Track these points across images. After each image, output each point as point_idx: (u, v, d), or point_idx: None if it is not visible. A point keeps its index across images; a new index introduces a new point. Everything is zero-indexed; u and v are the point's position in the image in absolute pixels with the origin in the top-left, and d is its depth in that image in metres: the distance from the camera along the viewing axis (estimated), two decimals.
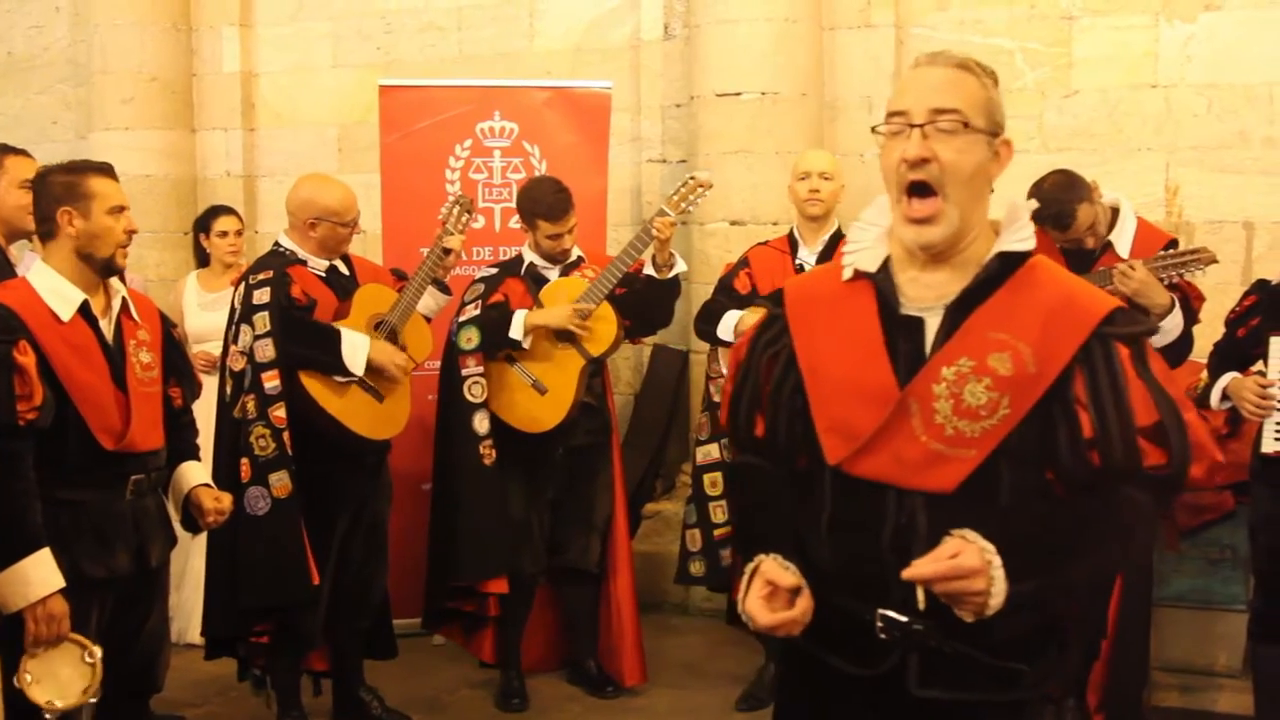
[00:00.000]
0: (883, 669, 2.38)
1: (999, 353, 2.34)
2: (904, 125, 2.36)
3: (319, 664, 5.39)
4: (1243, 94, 6.46)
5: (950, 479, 2.33)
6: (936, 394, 2.35)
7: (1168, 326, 4.78)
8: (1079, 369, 2.33)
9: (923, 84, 2.39)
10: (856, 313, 2.47)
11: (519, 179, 6.50)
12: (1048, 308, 2.37)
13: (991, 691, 2.37)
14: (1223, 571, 5.63)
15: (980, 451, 2.32)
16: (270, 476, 4.81)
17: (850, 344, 2.45)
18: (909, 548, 2.31)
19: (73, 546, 3.76)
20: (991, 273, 2.40)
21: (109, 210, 3.88)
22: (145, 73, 8.15)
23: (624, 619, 5.79)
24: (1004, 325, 2.36)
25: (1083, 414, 2.32)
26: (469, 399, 5.45)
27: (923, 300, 2.42)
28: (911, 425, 2.36)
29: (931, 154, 2.33)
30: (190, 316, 6.48)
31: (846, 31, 7.07)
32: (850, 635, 2.40)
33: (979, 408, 2.33)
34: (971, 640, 2.28)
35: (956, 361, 2.35)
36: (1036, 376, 2.32)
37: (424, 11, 7.96)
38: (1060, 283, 2.45)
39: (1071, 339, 2.34)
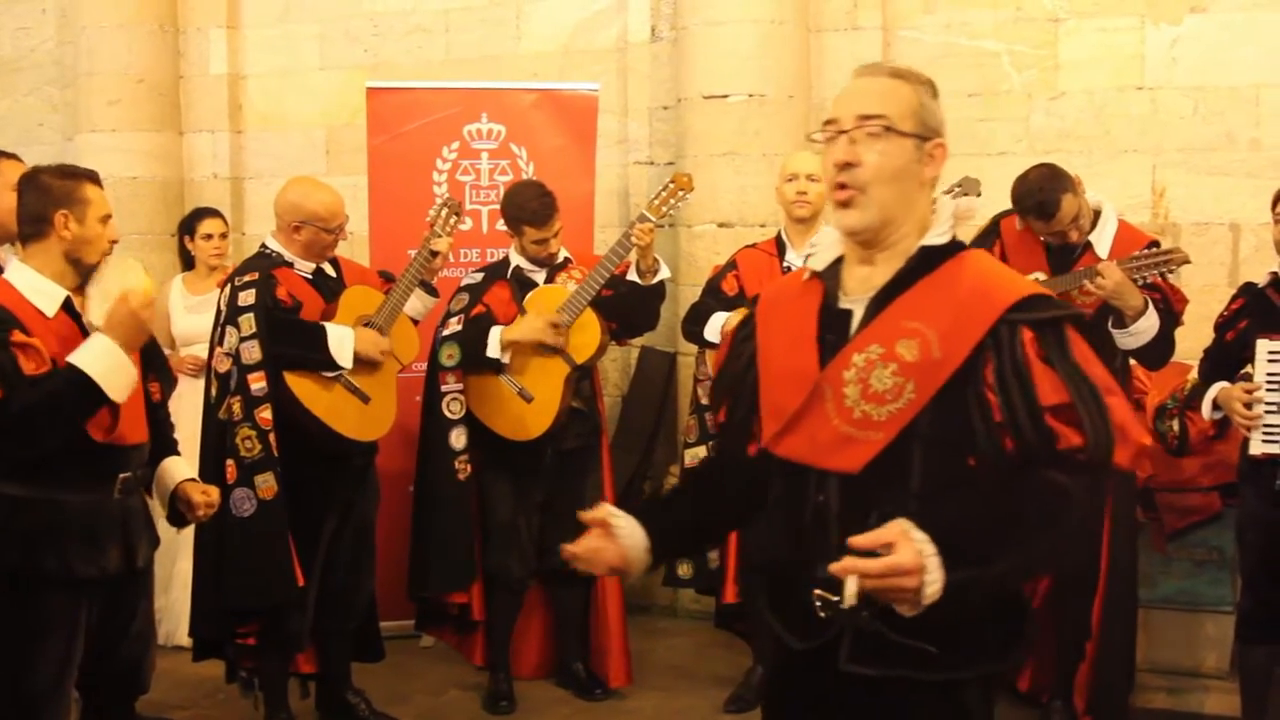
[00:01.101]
0: (819, 644, 2.52)
1: (907, 340, 2.46)
2: (835, 132, 2.53)
3: (306, 666, 5.39)
4: (1229, 96, 6.48)
5: (857, 460, 2.46)
6: (846, 379, 2.49)
7: (1141, 328, 4.80)
8: (989, 354, 2.42)
9: (853, 93, 2.57)
10: (803, 308, 2.65)
11: (506, 181, 6.50)
12: (962, 297, 2.48)
13: (917, 669, 2.45)
14: (1210, 573, 5.65)
15: (886, 434, 2.44)
16: (256, 478, 4.81)
17: (791, 336, 2.63)
18: (825, 527, 2.49)
19: (63, 546, 3.78)
20: (913, 265, 2.54)
21: (100, 218, 3.94)
22: (132, 75, 8.12)
23: (611, 621, 5.80)
24: (918, 314, 2.48)
25: (992, 397, 2.41)
26: (447, 415, 5.53)
27: (857, 293, 2.58)
28: (825, 409, 2.51)
29: (856, 158, 2.49)
30: (176, 319, 6.47)
31: (833, 34, 7.07)
32: (796, 610, 2.55)
33: (884, 392, 2.45)
34: (901, 620, 2.32)
35: (867, 349, 2.49)
36: (941, 362, 2.43)
37: (411, 14, 7.95)
38: (982, 273, 2.55)
39: (978, 326, 2.43)
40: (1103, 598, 5.09)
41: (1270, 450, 4.66)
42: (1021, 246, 5.11)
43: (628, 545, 2.67)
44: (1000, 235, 5.19)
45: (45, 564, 3.77)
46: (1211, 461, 5.57)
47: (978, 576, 2.29)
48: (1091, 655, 5.14)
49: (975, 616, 2.44)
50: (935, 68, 6.80)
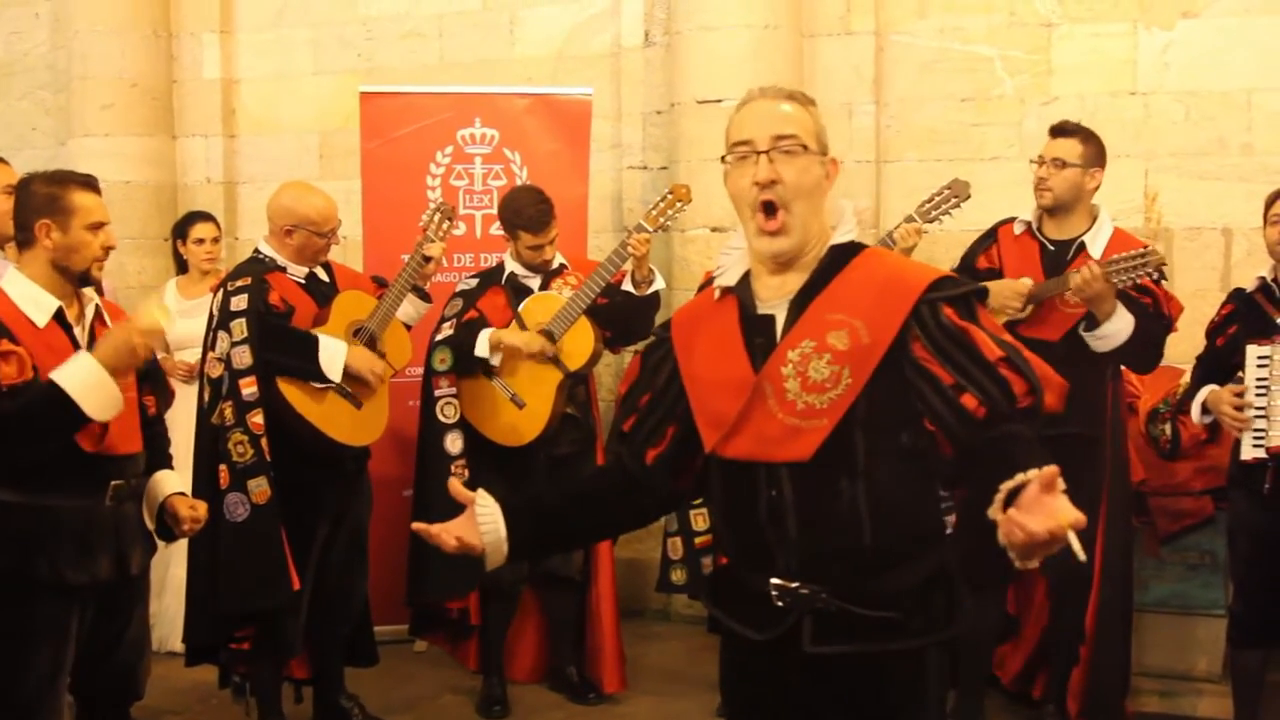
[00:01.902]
0: (778, 632, 2.65)
1: (836, 330, 2.60)
2: (750, 152, 2.64)
3: (300, 671, 5.39)
4: (1221, 101, 6.49)
5: (806, 448, 2.58)
6: (785, 375, 2.61)
7: (1108, 331, 4.79)
8: (914, 333, 2.58)
9: (762, 115, 2.68)
10: (722, 321, 2.77)
11: (500, 186, 6.51)
12: (877, 286, 2.64)
13: (879, 641, 2.61)
14: (1202, 577, 5.65)
15: (830, 420, 2.57)
16: (249, 483, 4.81)
17: (716, 347, 2.75)
18: (782, 518, 2.61)
19: (54, 553, 3.78)
20: (825, 265, 2.69)
21: (87, 226, 3.89)
22: (125, 79, 8.11)
23: (604, 626, 5.80)
24: (839, 307, 2.62)
25: (936, 369, 2.56)
26: (441, 420, 5.57)
27: (773, 299, 2.71)
28: (768, 405, 2.62)
29: (778, 176, 2.62)
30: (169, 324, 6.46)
31: (826, 39, 7.08)
32: (752, 605, 2.69)
33: (823, 381, 2.58)
34: (856, 597, 2.58)
35: (800, 344, 2.62)
36: (871, 346, 2.58)
37: (405, 18, 7.95)
38: (889, 265, 2.75)
39: (899, 308, 2.59)
40: (1097, 601, 5.09)
41: (1259, 455, 4.67)
42: (1017, 251, 5.12)
43: (486, 534, 2.86)
44: (997, 241, 5.20)
45: (36, 570, 3.76)
46: (1204, 465, 5.58)
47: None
48: (1086, 659, 5.15)
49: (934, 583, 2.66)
50: (928, 73, 6.87)
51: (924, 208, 5.28)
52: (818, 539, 2.59)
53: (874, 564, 2.59)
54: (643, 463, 2.87)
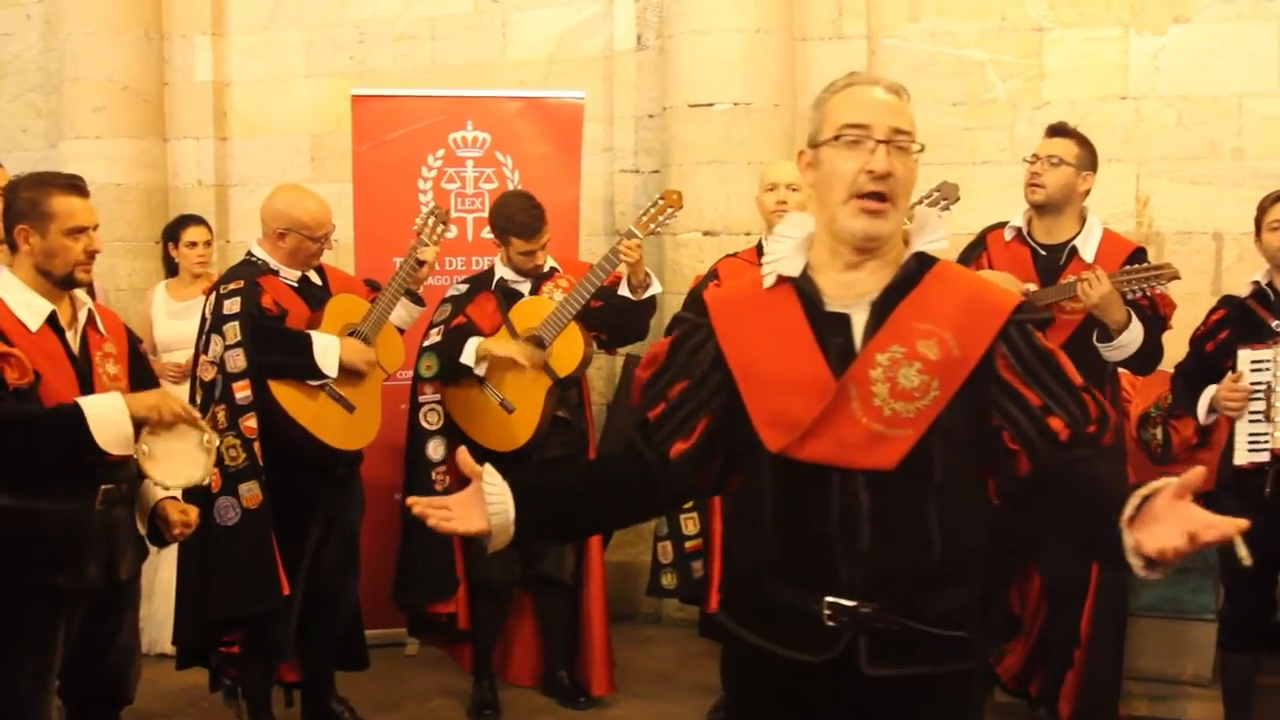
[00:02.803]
0: (833, 654, 2.53)
1: (926, 339, 2.54)
2: (865, 137, 2.55)
3: (290, 675, 5.38)
4: (1212, 105, 6.51)
5: (891, 457, 2.50)
6: (873, 379, 2.53)
7: (1124, 342, 4.81)
8: (1001, 353, 2.55)
9: (882, 104, 2.59)
10: (783, 314, 2.65)
11: (492, 189, 6.51)
12: (963, 300, 2.59)
13: (940, 662, 2.56)
14: (1193, 581, 5.65)
15: (916, 430, 2.51)
16: (240, 486, 4.80)
17: (780, 342, 2.63)
18: (855, 528, 2.51)
19: (44, 557, 3.77)
20: (910, 270, 2.62)
21: (67, 231, 3.86)
22: (116, 81, 8.10)
23: (594, 628, 5.79)
24: (926, 316, 2.56)
25: (1024, 389, 2.54)
26: (424, 426, 5.59)
27: (845, 298, 2.61)
28: (852, 409, 2.53)
29: (892, 169, 2.54)
30: (159, 325, 6.46)
31: (818, 42, 7.09)
32: (797, 625, 2.56)
33: (913, 389, 2.51)
34: (914, 616, 2.51)
35: (889, 348, 2.54)
36: (961, 360, 2.53)
37: (397, 21, 7.95)
38: (969, 280, 2.71)
39: (989, 326, 2.56)
40: (1092, 606, 5.10)
41: (1256, 459, 4.67)
42: (1008, 257, 5.12)
43: (495, 514, 2.62)
44: (987, 248, 5.20)
45: (25, 574, 3.76)
46: None
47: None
48: (1080, 662, 5.15)
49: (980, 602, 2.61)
50: (920, 77, 6.87)
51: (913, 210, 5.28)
52: (890, 552, 2.51)
53: (938, 580, 2.54)
54: (665, 456, 2.73)
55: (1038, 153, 5.03)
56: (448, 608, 5.66)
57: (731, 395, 2.65)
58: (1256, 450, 4.68)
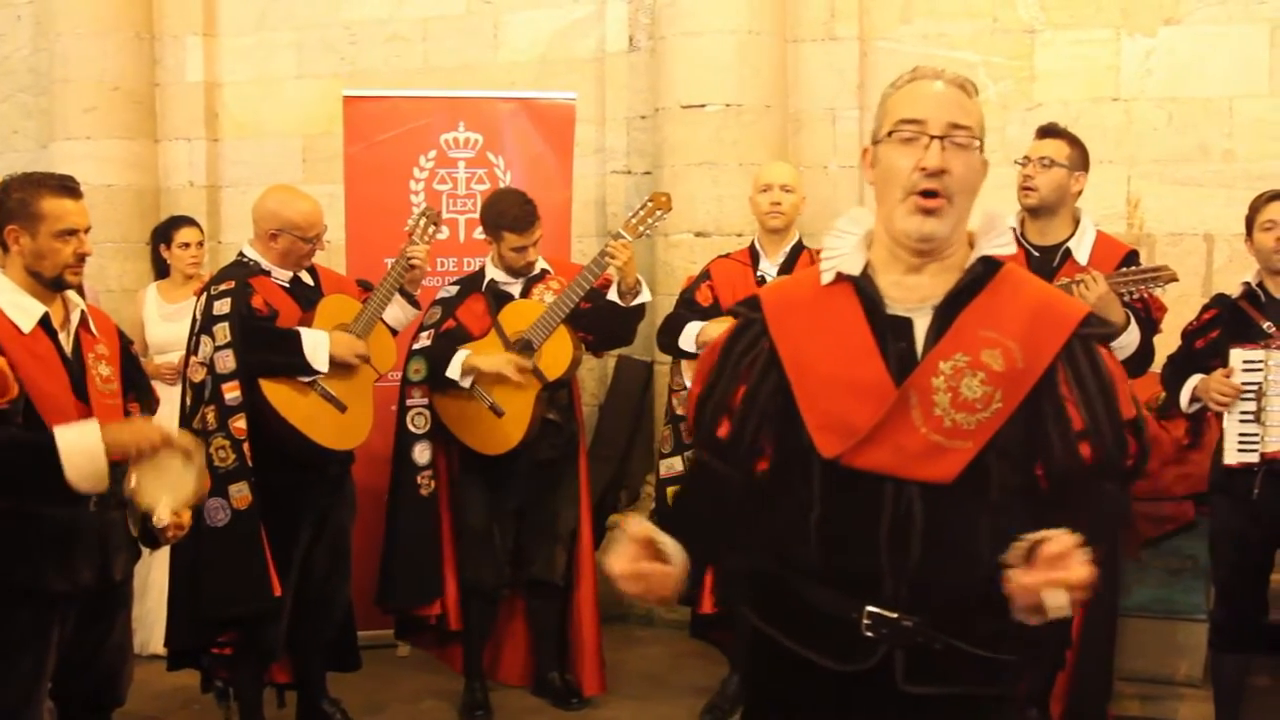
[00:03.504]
0: (868, 665, 2.44)
1: (990, 349, 2.44)
2: (920, 133, 2.45)
3: (282, 676, 5.37)
4: (1202, 107, 6.52)
5: (950, 469, 2.41)
6: (935, 387, 2.43)
7: (1122, 343, 4.80)
8: (1062, 367, 2.45)
9: (937, 98, 2.49)
10: (841, 314, 2.54)
11: (484, 190, 6.51)
12: (1030, 308, 2.49)
13: (979, 684, 2.47)
14: (1184, 581, 5.66)
15: (976, 443, 2.42)
16: (230, 488, 4.79)
17: (838, 343, 2.53)
18: (906, 540, 2.40)
19: (36, 559, 3.75)
20: (975, 275, 2.50)
21: (56, 233, 3.85)
22: (107, 82, 8.09)
23: (585, 629, 5.78)
24: (991, 324, 2.46)
25: (1071, 409, 2.44)
26: (411, 430, 5.59)
27: (907, 301, 2.51)
28: (911, 418, 2.43)
29: (948, 165, 2.43)
30: (151, 327, 6.45)
31: (810, 44, 7.09)
32: (833, 632, 2.46)
33: (975, 401, 2.42)
34: (958, 635, 2.41)
35: (953, 357, 2.44)
36: (1025, 372, 2.43)
37: (389, 22, 7.95)
38: (1036, 287, 2.59)
39: (1055, 337, 2.46)
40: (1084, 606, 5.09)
41: (1245, 459, 4.69)
42: None
43: (680, 571, 2.49)
44: None
45: (17, 577, 3.75)
46: (1185, 470, 5.60)
47: None
48: (1071, 663, 5.15)
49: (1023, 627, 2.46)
50: None
51: None
52: (938, 567, 2.40)
53: (985, 600, 2.37)
54: (753, 474, 2.63)
55: (1029, 155, 5.01)
56: (433, 610, 5.66)
57: (787, 395, 2.55)
58: (1246, 451, 4.69)
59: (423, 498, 5.55)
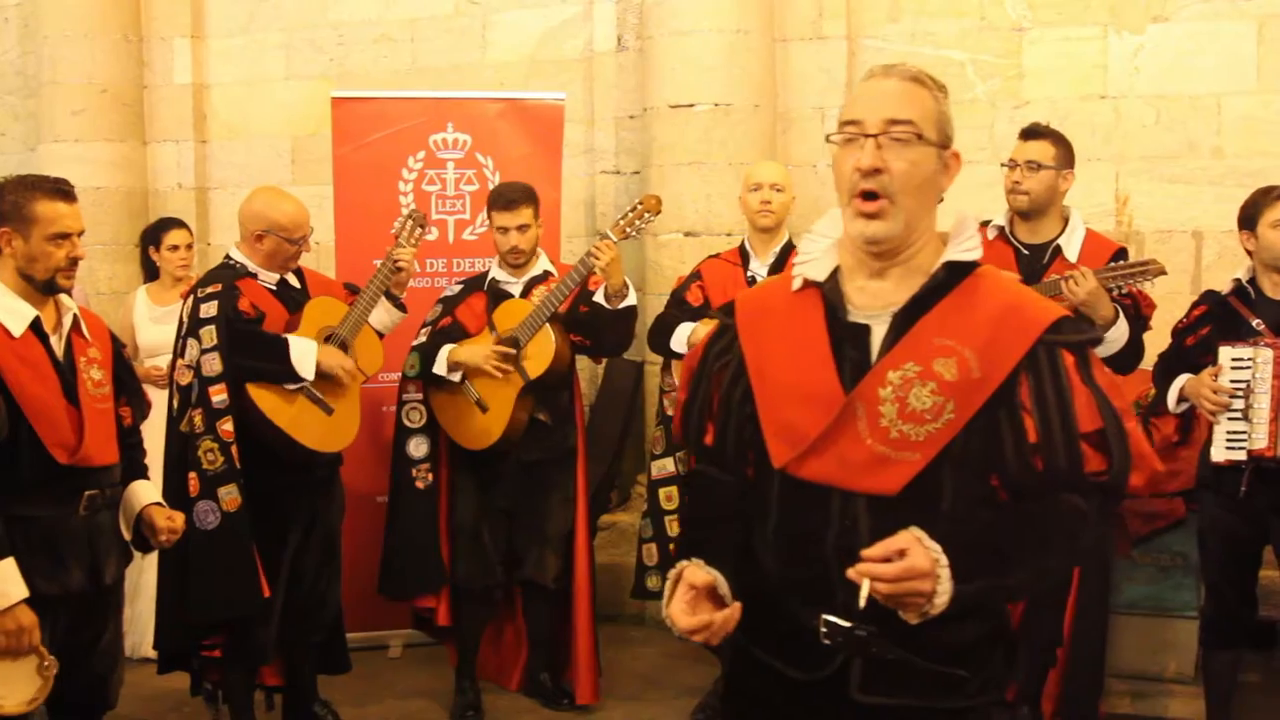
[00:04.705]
0: (825, 674, 2.41)
1: (944, 358, 2.37)
2: (858, 134, 2.40)
3: (272, 679, 5.36)
4: (1190, 105, 6.53)
5: (895, 481, 2.36)
6: (882, 397, 2.38)
7: (1112, 338, 4.81)
8: (1024, 375, 2.37)
9: (877, 95, 2.43)
10: (804, 320, 2.51)
11: (473, 191, 6.51)
12: (994, 315, 2.41)
13: (934, 697, 2.40)
14: (1174, 578, 5.66)
15: (924, 455, 2.35)
16: (219, 490, 4.77)
17: (797, 350, 2.49)
18: (853, 550, 2.31)
19: (26, 562, 3.73)
20: (938, 281, 2.44)
21: (49, 236, 3.85)
22: (95, 84, 8.09)
23: (580, 636, 5.76)
24: (950, 332, 2.39)
25: (1028, 419, 2.36)
26: (406, 424, 5.62)
27: (869, 308, 2.46)
28: (857, 428, 2.39)
29: (884, 164, 2.37)
30: (142, 330, 6.44)
31: (799, 43, 7.10)
32: (794, 640, 2.44)
33: (924, 411, 2.36)
34: (915, 646, 2.32)
35: (902, 366, 2.38)
36: (981, 381, 2.36)
37: (377, 23, 7.95)
38: (1007, 291, 2.49)
39: (1017, 345, 2.37)
40: (1074, 604, 5.11)
41: (1233, 456, 4.69)
42: (992, 256, 5.09)
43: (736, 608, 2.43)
44: None
45: None
46: (1176, 468, 5.59)
47: (988, 590, 2.29)
48: (1062, 660, 5.16)
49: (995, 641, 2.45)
50: None
51: None
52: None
53: (940, 614, 2.26)
54: (746, 478, 2.60)
55: (1015, 158, 4.99)
56: (430, 603, 5.66)
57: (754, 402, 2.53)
58: (1234, 448, 4.70)
59: (420, 490, 5.58)
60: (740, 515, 2.61)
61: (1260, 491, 4.70)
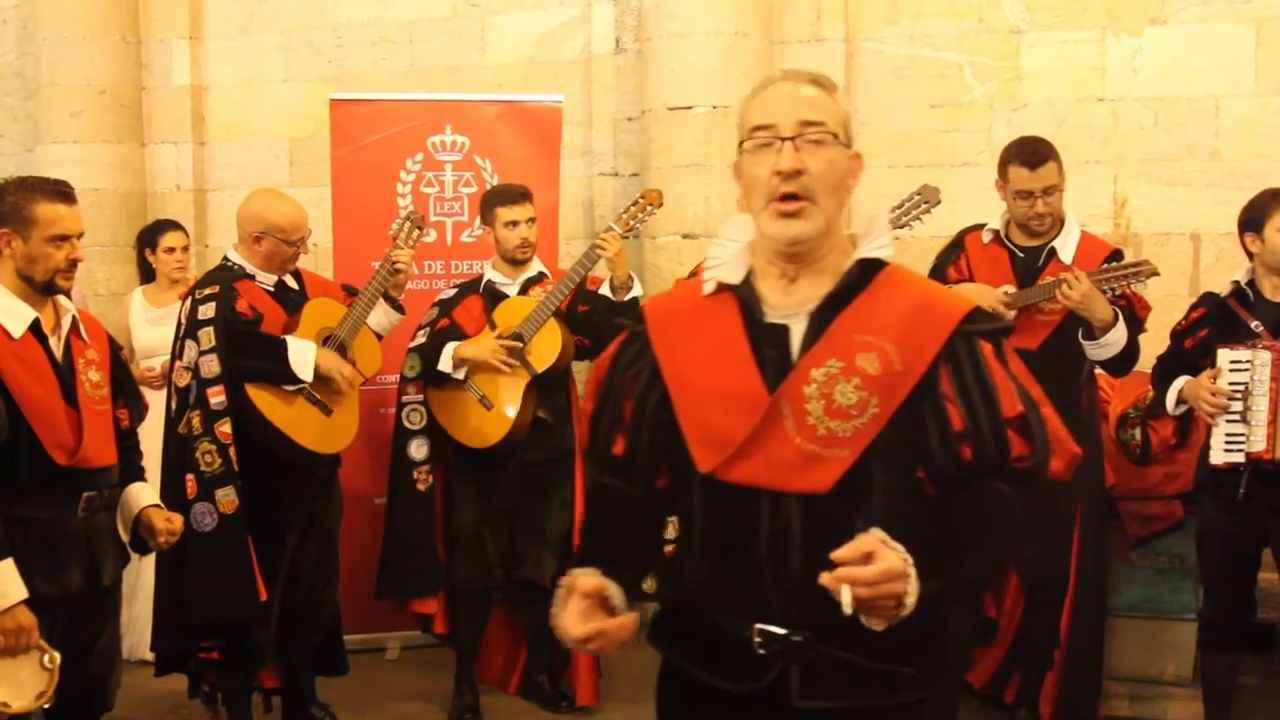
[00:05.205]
0: (764, 683, 2.39)
1: (866, 353, 2.38)
2: (772, 138, 2.40)
3: (270, 681, 5.37)
4: (1188, 107, 6.53)
5: (825, 479, 2.35)
6: (808, 395, 2.37)
7: (1111, 340, 4.81)
8: (944, 366, 2.39)
9: (786, 99, 2.44)
10: (720, 324, 2.50)
11: (471, 193, 6.51)
12: (909, 309, 2.43)
13: (876, 696, 2.40)
14: (1172, 581, 5.67)
15: (853, 451, 2.35)
16: (216, 492, 4.77)
17: (716, 354, 2.48)
18: (786, 553, 2.34)
19: (25, 564, 3.74)
20: (853, 279, 2.45)
21: (49, 238, 3.85)
22: (94, 85, 8.07)
23: None
24: (868, 328, 2.40)
25: (951, 408, 2.38)
26: (406, 426, 5.61)
27: (785, 308, 2.46)
28: (784, 428, 2.38)
29: (803, 165, 2.38)
30: (138, 332, 6.43)
31: (797, 45, 7.09)
32: (729, 652, 2.42)
33: (850, 407, 2.36)
34: (852, 647, 2.31)
35: (825, 363, 2.38)
36: (903, 374, 2.38)
37: (376, 25, 7.94)
38: (919, 286, 2.52)
39: (934, 337, 2.40)
40: (1071, 606, 5.11)
41: (1231, 459, 4.69)
42: (987, 260, 5.12)
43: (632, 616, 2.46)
44: (965, 249, 5.20)
45: None
46: (1174, 470, 5.60)
47: (945, 587, 2.27)
48: (1060, 663, 5.16)
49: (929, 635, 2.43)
50: (898, 79, 6.88)
51: (894, 213, 5.27)
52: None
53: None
54: (654, 489, 2.60)
55: (1028, 189, 4.94)
56: (427, 607, 5.66)
57: (671, 409, 2.51)
58: (1232, 451, 4.70)
59: (420, 493, 5.58)
60: (645, 528, 2.64)
61: (1259, 494, 4.70)
